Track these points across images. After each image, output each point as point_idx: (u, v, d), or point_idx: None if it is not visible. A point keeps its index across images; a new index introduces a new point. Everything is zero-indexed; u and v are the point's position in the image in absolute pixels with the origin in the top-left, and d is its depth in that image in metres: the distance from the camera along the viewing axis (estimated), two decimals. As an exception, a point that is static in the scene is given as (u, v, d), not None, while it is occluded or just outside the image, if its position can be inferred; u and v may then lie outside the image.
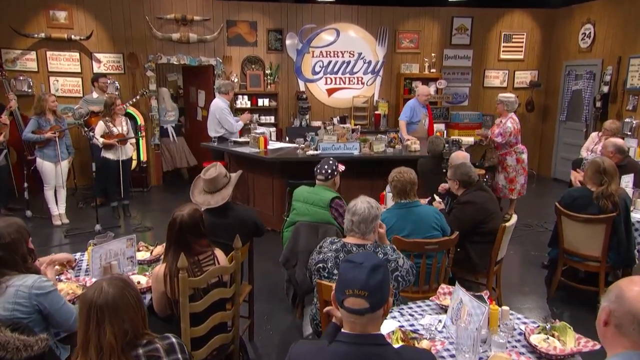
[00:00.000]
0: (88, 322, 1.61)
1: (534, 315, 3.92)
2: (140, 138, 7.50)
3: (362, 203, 2.55)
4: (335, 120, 8.26)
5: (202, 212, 2.58)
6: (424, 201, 4.09)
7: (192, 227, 2.46)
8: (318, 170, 3.77)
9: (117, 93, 7.50)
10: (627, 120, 6.92)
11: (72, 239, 5.59)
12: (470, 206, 3.67)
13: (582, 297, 4.14)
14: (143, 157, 7.85)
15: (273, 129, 7.46)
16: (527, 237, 5.78)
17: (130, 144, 6.33)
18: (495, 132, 6.10)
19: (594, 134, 6.46)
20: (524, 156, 6.23)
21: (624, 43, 7.28)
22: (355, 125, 7.79)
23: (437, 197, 4.14)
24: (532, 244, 5.59)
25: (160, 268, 2.46)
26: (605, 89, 7.57)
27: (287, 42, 8.43)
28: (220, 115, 6.50)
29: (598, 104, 7.67)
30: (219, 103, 6.56)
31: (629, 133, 6.76)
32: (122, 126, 6.13)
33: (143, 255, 3.13)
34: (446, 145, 5.44)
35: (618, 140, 4.90)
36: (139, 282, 2.70)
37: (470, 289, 3.06)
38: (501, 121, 6.14)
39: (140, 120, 7.68)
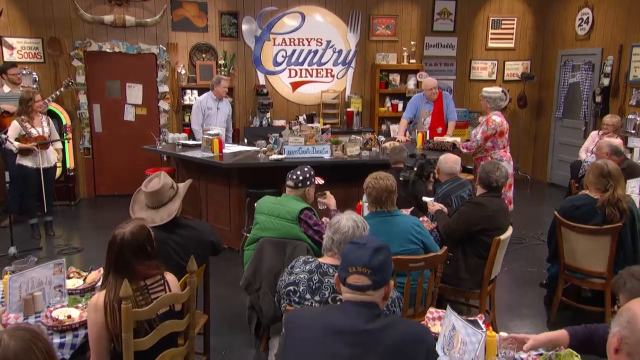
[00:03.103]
0: None
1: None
2: (66, 141, 7.31)
3: (347, 220, 2.58)
4: (301, 118, 8.29)
5: (149, 228, 2.55)
6: (406, 211, 4.16)
7: (136, 248, 2.43)
8: (289, 176, 3.78)
9: (34, 86, 7.31)
10: (630, 116, 7.13)
11: (-19, 265, 5.40)
12: (480, 209, 3.77)
13: (587, 318, 4.25)
14: (70, 164, 7.66)
15: (228, 129, 7.42)
16: (522, 252, 5.94)
17: (54, 148, 6.18)
18: (463, 141, 6.12)
19: (593, 133, 6.71)
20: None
21: (626, 30, 7.59)
22: (325, 124, 7.84)
23: (427, 199, 4.23)
24: (527, 259, 5.74)
25: (99, 296, 2.41)
26: (606, 81, 7.89)
27: (244, 27, 8.42)
28: (193, 110, 6.99)
29: (598, 99, 7.96)
30: (201, 97, 7.10)
31: (632, 131, 6.98)
32: (42, 127, 5.97)
33: (74, 283, 3.05)
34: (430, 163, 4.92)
35: (613, 140, 5.15)
36: (69, 316, 2.63)
37: (461, 312, 3.13)
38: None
39: (65, 120, 7.51)
